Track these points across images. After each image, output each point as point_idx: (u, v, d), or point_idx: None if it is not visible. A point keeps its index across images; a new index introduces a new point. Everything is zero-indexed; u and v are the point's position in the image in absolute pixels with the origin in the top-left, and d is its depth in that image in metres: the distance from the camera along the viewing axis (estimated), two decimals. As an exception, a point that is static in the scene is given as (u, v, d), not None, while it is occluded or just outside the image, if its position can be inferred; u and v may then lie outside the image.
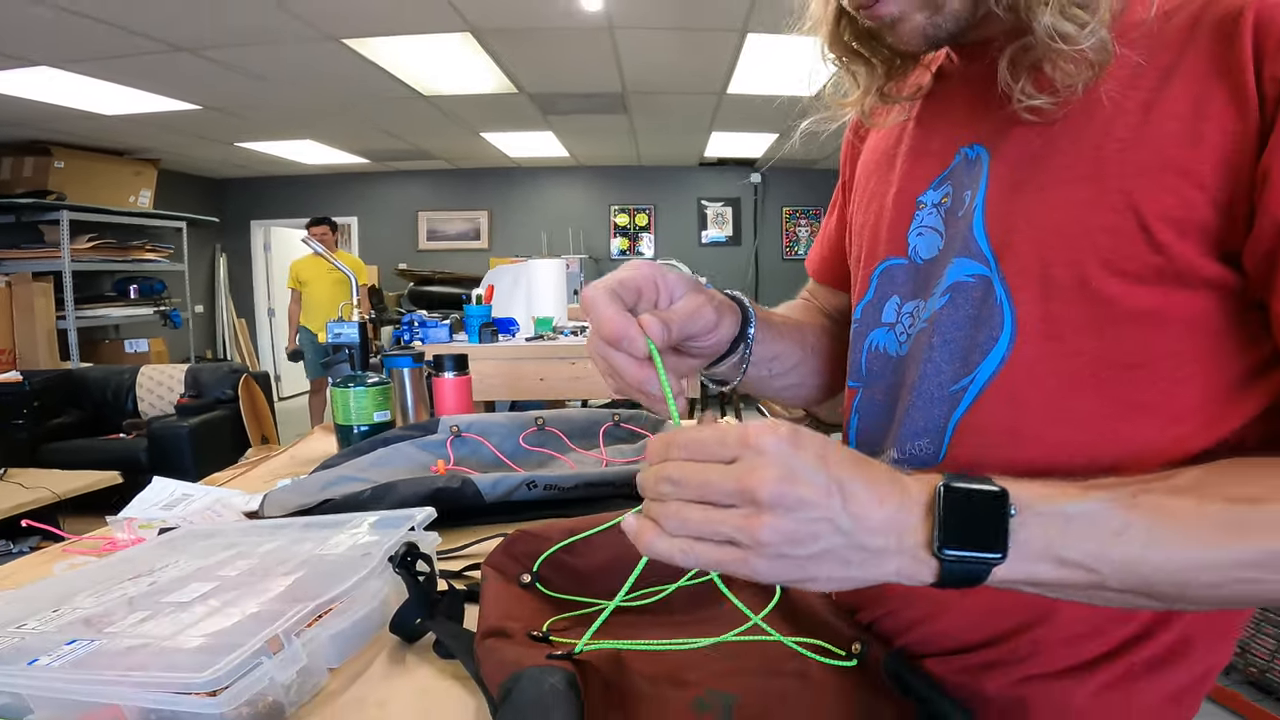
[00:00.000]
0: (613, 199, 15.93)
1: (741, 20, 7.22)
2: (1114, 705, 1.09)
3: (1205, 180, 0.90)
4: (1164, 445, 0.99)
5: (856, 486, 0.78)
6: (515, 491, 1.87)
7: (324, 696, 1.13)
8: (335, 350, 2.72)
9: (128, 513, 1.96)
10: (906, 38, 1.06)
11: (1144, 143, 0.94)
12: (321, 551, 1.42)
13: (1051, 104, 0.99)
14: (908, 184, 1.24)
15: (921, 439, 1.15)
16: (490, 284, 5.79)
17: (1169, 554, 0.81)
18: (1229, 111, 0.88)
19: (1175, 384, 0.98)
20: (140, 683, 0.96)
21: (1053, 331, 1.02)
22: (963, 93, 1.20)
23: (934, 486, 0.81)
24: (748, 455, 0.77)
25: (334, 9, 6.74)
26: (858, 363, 1.31)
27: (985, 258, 1.07)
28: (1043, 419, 1.04)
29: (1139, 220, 0.93)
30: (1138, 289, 0.95)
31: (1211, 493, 0.83)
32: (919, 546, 0.80)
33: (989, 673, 1.12)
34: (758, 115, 11.05)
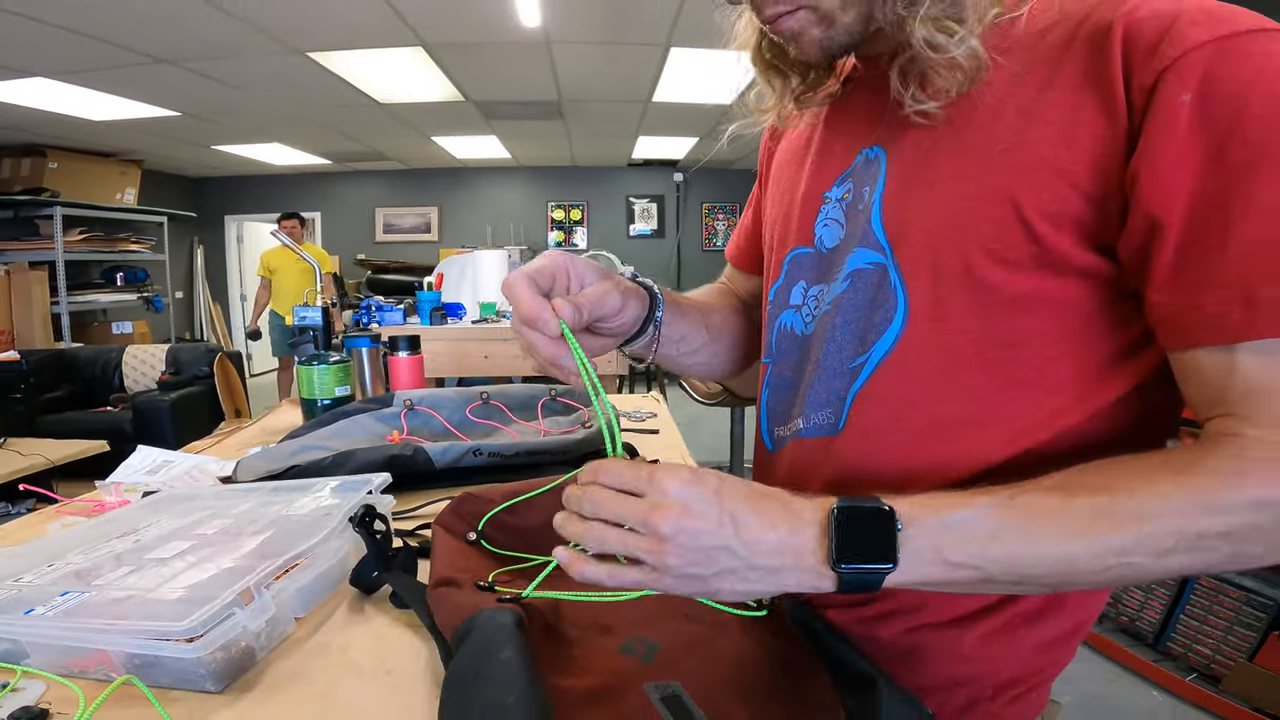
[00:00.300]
0: (550, 196, 15.87)
1: (665, 36, 7.20)
2: (997, 651, 1.11)
3: (1079, 179, 0.91)
4: (1042, 418, 1.01)
5: (748, 517, 0.84)
6: (463, 459, 1.88)
7: (291, 643, 1.13)
8: (301, 332, 2.70)
9: (115, 478, 1.95)
10: (805, 49, 1.08)
11: (1023, 145, 0.95)
12: (288, 513, 1.42)
13: (937, 107, 1.01)
14: (814, 181, 1.25)
15: (824, 410, 1.16)
16: (440, 272, 5.77)
17: (1044, 548, 0.83)
18: (1100, 118, 0.89)
19: (1050, 361, 0.99)
20: (126, 630, 0.97)
21: (940, 314, 1.03)
22: (864, 100, 1.21)
23: (828, 510, 0.85)
24: (653, 493, 0.84)
25: (300, 26, 6.69)
26: (769, 341, 1.32)
27: (882, 247, 1.08)
28: (932, 392, 1.05)
29: (1018, 214, 0.94)
30: (1017, 275, 0.97)
31: (1076, 488, 0.85)
32: (819, 563, 0.84)
33: (883, 622, 1.14)
34: (680, 121, 11.08)
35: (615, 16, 6.71)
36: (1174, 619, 4.34)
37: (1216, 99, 0.81)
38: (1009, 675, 1.14)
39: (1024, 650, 1.12)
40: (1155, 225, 0.85)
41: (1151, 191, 0.85)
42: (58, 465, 5.60)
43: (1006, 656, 1.12)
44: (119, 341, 11.01)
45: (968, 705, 1.14)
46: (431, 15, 6.59)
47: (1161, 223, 0.85)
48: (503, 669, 0.87)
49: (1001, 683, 1.14)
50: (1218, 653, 4.06)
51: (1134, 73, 0.86)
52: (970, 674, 1.13)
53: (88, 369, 8.71)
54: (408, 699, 0.99)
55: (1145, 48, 0.85)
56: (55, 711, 0.93)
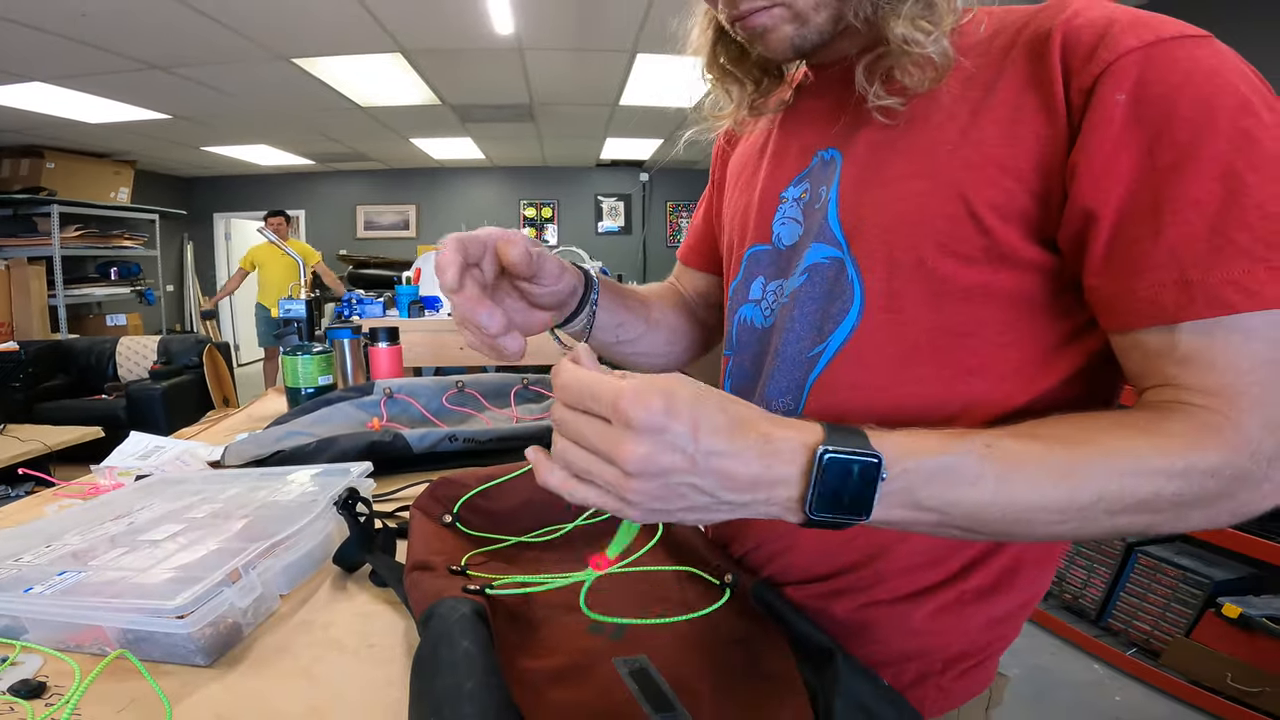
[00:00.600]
0: (522, 195, 15.90)
1: (631, 43, 7.21)
2: (948, 626, 1.11)
3: (1023, 175, 0.92)
4: (993, 402, 1.01)
5: (723, 453, 0.72)
6: (440, 444, 1.88)
7: (276, 619, 1.13)
8: (286, 324, 2.70)
9: (109, 462, 1.94)
10: (775, 47, 1.07)
11: (971, 143, 0.96)
12: (275, 497, 1.42)
13: (900, 104, 1.01)
14: (771, 182, 1.25)
15: (784, 397, 1.16)
16: (418, 267, 5.75)
17: (1013, 499, 0.80)
18: (1040, 117, 0.91)
19: (1000, 349, 1.00)
20: (120, 608, 0.97)
21: (895, 305, 1.03)
22: (819, 105, 1.21)
23: (812, 453, 0.74)
24: (618, 424, 0.71)
25: (285, 33, 6.67)
26: (730, 334, 1.32)
27: (838, 242, 1.08)
28: (887, 380, 1.05)
29: (968, 208, 0.95)
30: (968, 268, 0.97)
31: (1051, 440, 0.83)
32: (791, 500, 0.76)
33: (837, 599, 1.14)
34: (646, 124, 11.08)
35: (584, 24, 6.72)
36: (1115, 596, 4.38)
37: (1148, 100, 0.83)
38: (958, 650, 1.14)
39: (973, 626, 1.13)
40: (1090, 216, 0.87)
41: (1087, 184, 0.87)
42: (55, 450, 5.57)
43: (955, 631, 1.12)
44: (113, 333, 10.92)
45: (918, 679, 1.14)
46: (410, 23, 6.59)
47: (1096, 214, 0.87)
48: (460, 657, 0.85)
49: (950, 657, 1.14)
50: (1156, 628, 4.10)
51: (1073, 75, 0.88)
52: (920, 648, 1.13)
53: (83, 359, 8.67)
54: (388, 672, 0.99)
55: (1083, 53, 0.87)
56: (52, 684, 0.93)
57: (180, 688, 0.94)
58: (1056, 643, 4.45)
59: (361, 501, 1.29)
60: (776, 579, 1.20)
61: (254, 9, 6.01)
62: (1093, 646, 4.31)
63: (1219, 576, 3.94)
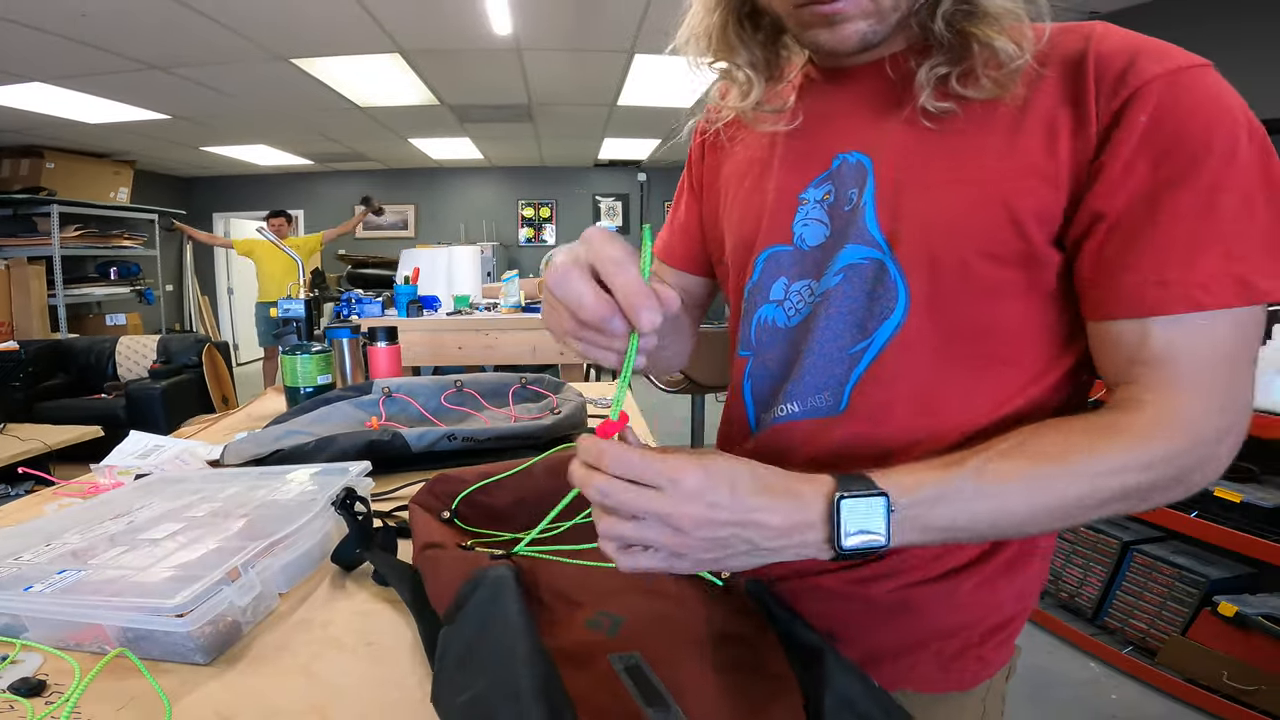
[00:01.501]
0: (520, 195, 15.91)
1: (629, 43, 7.23)
2: (986, 598, 1.19)
3: (1060, 185, 0.99)
4: (1016, 389, 1.10)
5: (760, 508, 0.85)
6: (438, 443, 1.88)
7: (275, 617, 1.13)
8: (285, 323, 2.70)
9: (109, 461, 1.94)
10: (843, 37, 1.06)
11: (1013, 154, 1.02)
12: (274, 496, 1.42)
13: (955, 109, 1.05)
14: (787, 183, 1.25)
15: (821, 394, 1.18)
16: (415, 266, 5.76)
17: (1011, 510, 0.93)
18: (1074, 132, 0.98)
19: (1023, 340, 1.09)
20: (120, 606, 0.97)
21: (936, 303, 1.08)
22: (839, 109, 1.22)
23: (829, 498, 0.87)
24: (671, 489, 0.81)
25: (284, 33, 6.68)
26: (748, 335, 1.32)
27: (878, 244, 1.11)
28: (930, 372, 1.11)
29: (1012, 215, 1.01)
30: (1001, 268, 1.04)
31: (1036, 455, 0.95)
32: (820, 541, 0.88)
33: (876, 582, 1.18)
34: (644, 124, 11.11)
35: (583, 25, 6.73)
36: (1111, 595, 4.38)
37: (1162, 122, 0.92)
38: (996, 620, 1.21)
39: (1007, 597, 1.20)
40: (1097, 217, 0.97)
41: (1102, 190, 0.96)
42: (54, 449, 5.56)
43: (992, 603, 1.19)
44: (112, 332, 10.97)
45: (961, 651, 1.20)
46: (409, 23, 6.60)
47: (1103, 215, 0.96)
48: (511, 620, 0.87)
49: (989, 627, 1.20)
50: (1152, 627, 4.10)
51: (1103, 96, 0.96)
52: (963, 621, 1.19)
53: (83, 358, 8.66)
54: (387, 670, 0.99)
55: (1114, 76, 0.95)
56: (52, 682, 0.93)
57: (180, 686, 0.94)
58: (1053, 641, 4.44)
59: (359, 500, 1.29)
60: (804, 569, 1.22)
61: (254, 9, 6.02)
62: (1089, 645, 4.30)
63: (1215, 575, 3.94)
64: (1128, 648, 4.16)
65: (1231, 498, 3.70)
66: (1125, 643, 4.20)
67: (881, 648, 1.19)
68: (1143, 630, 4.13)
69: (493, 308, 5.58)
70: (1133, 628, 4.19)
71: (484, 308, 5.58)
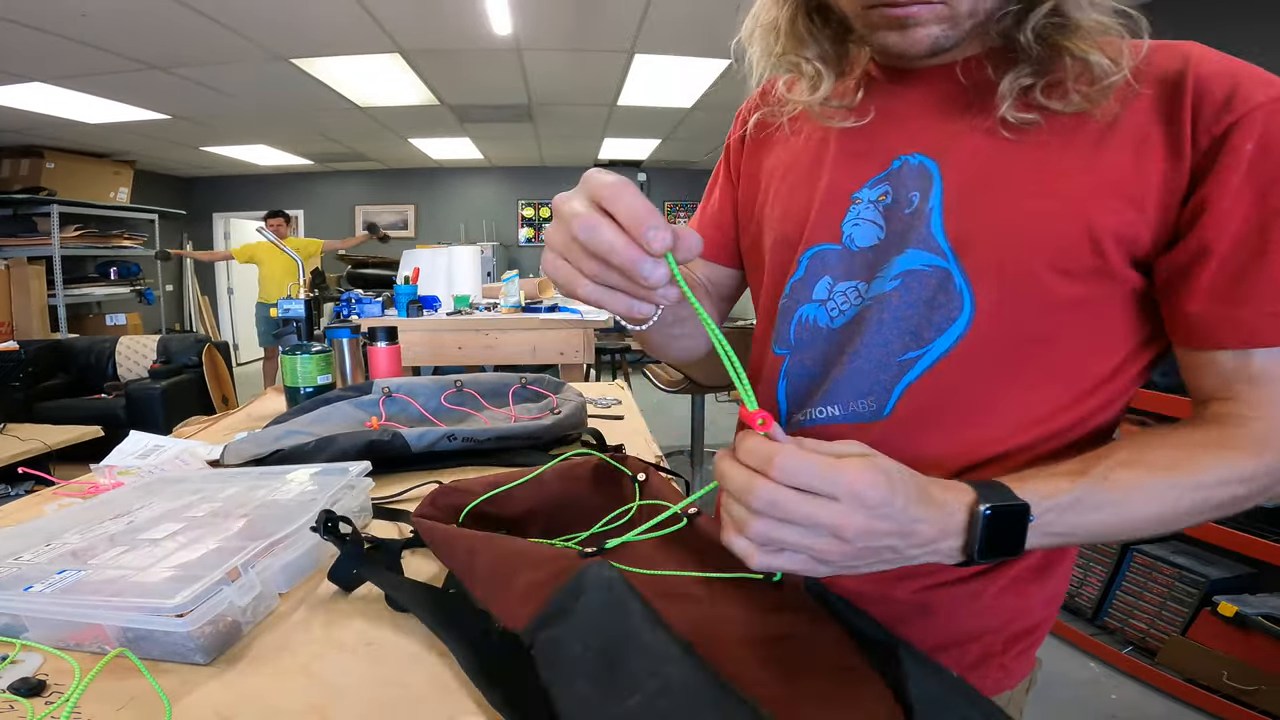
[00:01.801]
0: (520, 195, 15.90)
1: (630, 43, 7.23)
2: (1012, 603, 1.19)
3: (1144, 206, 0.99)
4: (1066, 403, 1.10)
5: (920, 519, 0.83)
6: (438, 443, 1.87)
7: (275, 617, 1.13)
8: (285, 323, 2.70)
9: (109, 461, 1.93)
10: (915, 41, 1.06)
11: (1097, 170, 1.01)
12: (274, 496, 1.41)
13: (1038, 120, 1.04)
14: (840, 182, 1.23)
15: (864, 398, 1.17)
16: (415, 266, 5.75)
17: (1126, 518, 0.94)
18: (1166, 153, 0.98)
19: (1082, 355, 1.09)
20: (120, 606, 0.96)
21: (1002, 315, 1.07)
22: (903, 109, 1.20)
23: (970, 510, 0.87)
24: (850, 501, 0.77)
25: (284, 33, 6.69)
26: (785, 333, 1.29)
27: (943, 251, 1.10)
28: (983, 385, 1.10)
29: (1091, 232, 1.00)
30: (1072, 284, 1.03)
31: (1152, 465, 0.96)
32: (954, 550, 0.88)
33: (900, 582, 1.18)
34: (644, 124, 11.13)
35: (583, 24, 6.73)
36: (1111, 595, 4.39)
37: (1269, 150, 0.92)
38: (1020, 627, 1.21)
39: (1035, 603, 1.21)
40: (1204, 249, 0.96)
41: (1211, 221, 0.95)
42: (54, 449, 5.57)
43: (1019, 608, 1.20)
44: (112, 332, 10.99)
45: (981, 659, 1.19)
46: (409, 23, 6.60)
47: (1210, 248, 0.96)
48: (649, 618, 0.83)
49: (1012, 635, 1.20)
50: (1152, 627, 4.11)
51: (1202, 119, 0.95)
52: (984, 627, 1.19)
53: (83, 358, 8.68)
54: (387, 670, 0.99)
55: (1216, 101, 0.95)
56: (52, 682, 0.93)
57: (180, 686, 0.94)
58: (1053, 641, 4.43)
59: (342, 520, 1.25)
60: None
61: (254, 9, 6.03)
62: (1089, 645, 4.31)
63: (1215, 575, 3.95)
64: (1128, 648, 4.16)
65: (1231, 498, 3.68)
66: (1125, 643, 4.21)
67: None
68: (1143, 630, 4.14)
69: (493, 308, 5.58)
70: (1133, 628, 4.20)
71: (484, 308, 5.58)
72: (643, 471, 1.43)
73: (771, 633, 0.99)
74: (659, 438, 2.14)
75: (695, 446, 6.41)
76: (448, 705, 0.90)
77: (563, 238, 0.82)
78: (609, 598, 0.86)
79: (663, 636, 0.79)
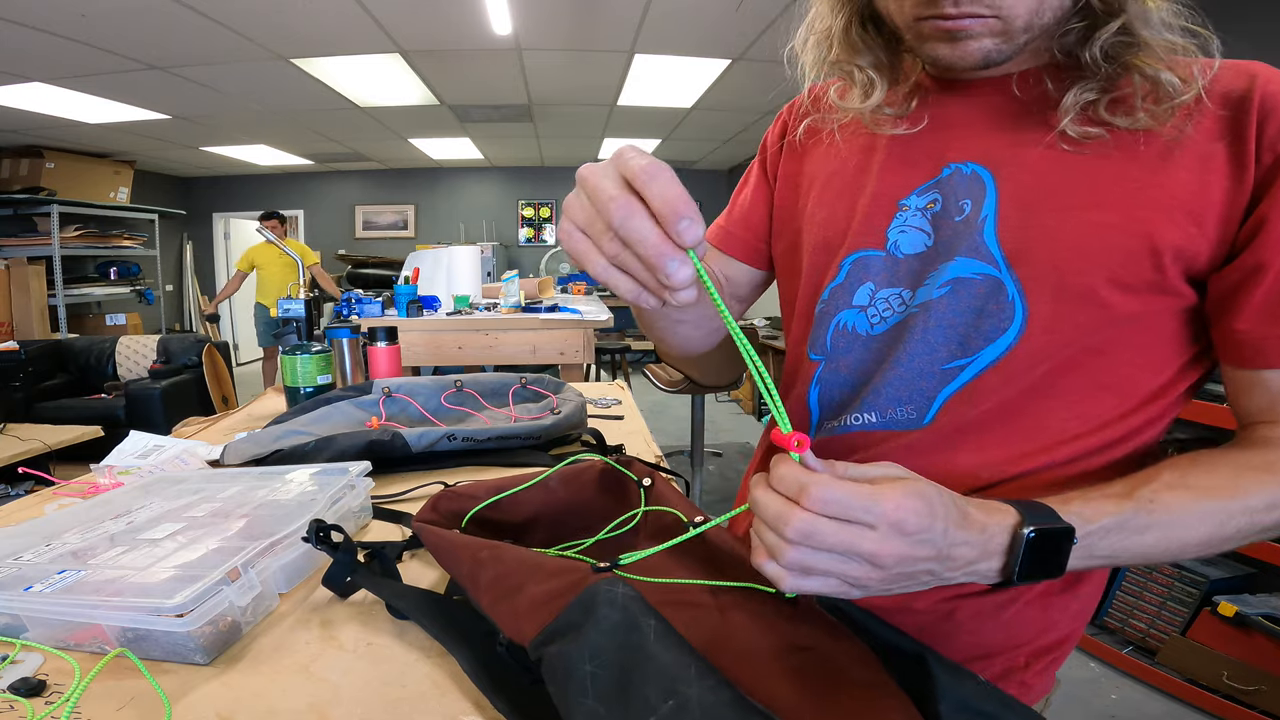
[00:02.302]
0: (520, 195, 15.91)
1: (629, 43, 7.22)
2: (1039, 616, 1.17)
3: (1205, 222, 0.99)
4: (1111, 419, 1.09)
5: (960, 543, 0.82)
6: (438, 443, 1.87)
7: (275, 617, 1.13)
8: (285, 323, 2.70)
9: (109, 461, 1.93)
10: (967, 54, 1.06)
11: (1159, 185, 1.01)
12: (274, 496, 1.42)
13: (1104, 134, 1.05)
14: (888, 188, 1.23)
15: (904, 406, 1.16)
16: (416, 266, 5.75)
17: (1172, 541, 0.93)
18: (1230, 170, 0.98)
19: (1132, 369, 1.09)
20: (120, 606, 0.96)
21: (1055, 327, 1.07)
22: (955, 118, 1.20)
23: (1013, 531, 0.86)
24: (886, 530, 0.75)
25: (284, 33, 6.69)
26: (822, 339, 1.28)
27: (996, 261, 1.09)
28: (1030, 396, 1.10)
29: (1151, 246, 1.00)
30: (1128, 297, 1.03)
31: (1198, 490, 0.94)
32: (993, 571, 0.87)
33: (921, 594, 1.15)
34: (644, 123, 11.12)
35: (582, 25, 6.73)
36: (1111, 594, 4.39)
37: None
38: (1046, 642, 1.20)
39: (1063, 617, 1.20)
40: (1259, 266, 0.96)
41: (1266, 239, 0.96)
42: (54, 449, 5.59)
43: (1045, 622, 1.18)
44: (112, 332, 11.00)
45: (1002, 674, 1.18)
46: (408, 23, 6.61)
47: (1265, 265, 0.96)
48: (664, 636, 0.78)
49: (1036, 650, 1.19)
50: (1153, 627, 4.12)
51: (1265, 138, 0.96)
52: (1007, 641, 1.17)
53: (83, 358, 8.70)
54: (387, 670, 0.99)
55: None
56: (52, 682, 0.93)
57: (180, 686, 0.94)
58: (1053, 641, 4.40)
59: (333, 529, 1.22)
60: None
61: (253, 9, 6.03)
62: (1089, 645, 4.30)
63: (1215, 575, 3.96)
64: (1128, 648, 4.16)
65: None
66: (1125, 643, 4.21)
67: None
68: (1143, 630, 4.15)
69: (493, 308, 5.58)
70: (1133, 628, 4.20)
71: (484, 308, 5.58)
72: (648, 476, 1.42)
73: (789, 644, 0.97)
74: (659, 438, 2.15)
75: (695, 446, 6.39)
76: (448, 705, 0.90)
77: (585, 213, 0.79)
78: (622, 617, 0.82)
79: (680, 656, 0.75)
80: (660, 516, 1.33)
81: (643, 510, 1.37)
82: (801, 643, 0.97)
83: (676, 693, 0.70)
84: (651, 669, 0.74)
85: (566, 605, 0.86)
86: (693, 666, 0.73)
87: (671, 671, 0.73)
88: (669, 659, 0.75)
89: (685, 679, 0.72)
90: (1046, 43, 1.10)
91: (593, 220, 0.78)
